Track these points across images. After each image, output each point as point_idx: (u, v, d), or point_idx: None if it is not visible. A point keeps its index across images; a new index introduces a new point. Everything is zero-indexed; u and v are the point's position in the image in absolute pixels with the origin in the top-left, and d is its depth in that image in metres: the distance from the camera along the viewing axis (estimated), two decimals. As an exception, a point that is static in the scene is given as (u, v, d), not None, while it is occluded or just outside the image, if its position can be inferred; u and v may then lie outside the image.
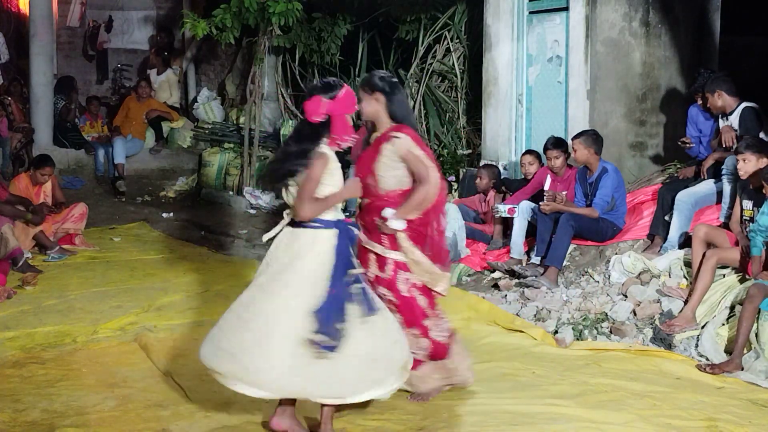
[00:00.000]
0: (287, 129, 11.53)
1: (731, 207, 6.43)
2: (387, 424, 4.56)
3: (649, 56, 8.32)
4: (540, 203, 7.32)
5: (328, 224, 4.21)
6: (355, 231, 4.38)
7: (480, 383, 5.19)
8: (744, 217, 6.22)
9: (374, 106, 4.68)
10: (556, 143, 7.68)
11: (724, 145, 6.82)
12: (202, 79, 14.17)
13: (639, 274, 6.68)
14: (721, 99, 6.91)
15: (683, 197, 6.88)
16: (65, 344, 5.97)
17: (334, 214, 4.26)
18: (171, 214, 10.86)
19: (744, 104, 6.89)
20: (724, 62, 8.94)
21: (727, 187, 6.66)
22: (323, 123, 4.22)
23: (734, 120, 6.90)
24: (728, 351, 5.65)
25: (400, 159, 4.61)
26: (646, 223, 7.23)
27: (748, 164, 6.13)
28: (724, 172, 6.73)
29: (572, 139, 7.41)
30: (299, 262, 4.15)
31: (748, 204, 6.19)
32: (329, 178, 4.20)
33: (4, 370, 5.42)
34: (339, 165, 4.29)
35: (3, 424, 4.52)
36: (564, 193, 7.38)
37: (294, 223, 4.25)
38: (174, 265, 8.30)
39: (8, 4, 13.45)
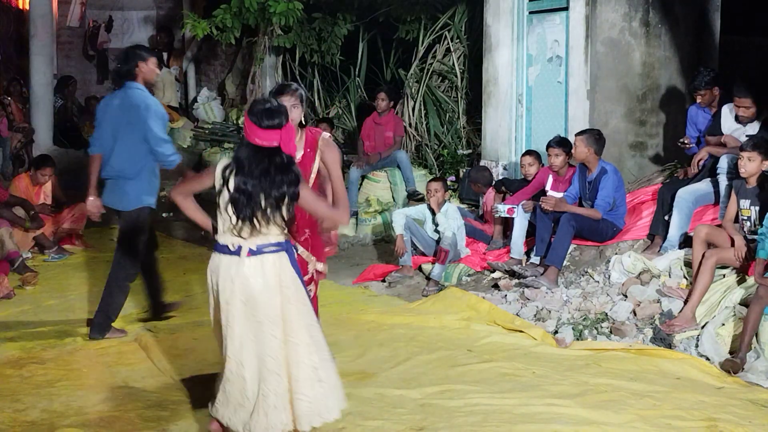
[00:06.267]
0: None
1: (727, 205, 6.41)
2: (387, 424, 4.56)
3: (649, 56, 8.32)
4: (540, 200, 7.32)
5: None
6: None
7: (480, 383, 5.20)
8: (741, 217, 6.21)
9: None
10: (560, 142, 7.66)
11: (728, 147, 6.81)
12: (202, 79, 14.18)
13: (639, 274, 6.68)
14: (753, 107, 6.77)
15: (683, 194, 6.87)
16: (65, 344, 5.97)
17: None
18: (171, 214, 10.86)
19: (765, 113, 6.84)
20: (724, 61, 8.94)
21: (722, 186, 6.65)
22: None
23: (756, 125, 6.82)
24: (731, 351, 5.65)
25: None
26: (646, 223, 7.23)
27: (753, 163, 6.10)
28: (719, 171, 6.72)
29: (575, 135, 7.41)
30: None
31: (745, 203, 6.18)
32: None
33: (4, 370, 5.42)
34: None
35: (3, 424, 4.52)
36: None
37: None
38: (174, 265, 8.30)
39: (8, 3, 13.45)
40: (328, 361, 4.09)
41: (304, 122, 4.93)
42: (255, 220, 3.96)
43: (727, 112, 7.01)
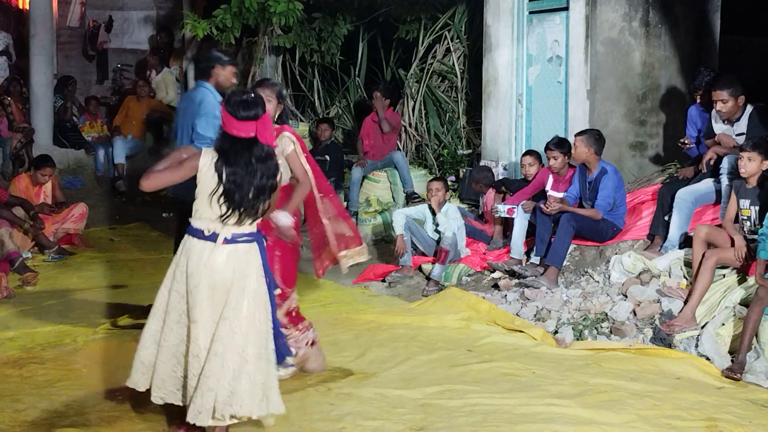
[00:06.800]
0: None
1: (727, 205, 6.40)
2: (387, 424, 4.56)
3: (649, 56, 8.31)
4: (541, 202, 7.31)
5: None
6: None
7: (480, 383, 5.20)
8: (741, 217, 6.21)
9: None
10: (558, 144, 7.65)
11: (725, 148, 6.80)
12: (202, 79, 14.15)
13: (639, 274, 6.68)
14: (730, 101, 6.72)
15: (683, 195, 6.87)
16: (65, 344, 5.97)
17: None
18: (171, 214, 10.85)
19: (751, 106, 6.82)
20: (724, 62, 8.94)
21: (723, 186, 6.65)
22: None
23: (742, 124, 6.82)
24: (730, 351, 5.65)
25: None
26: (646, 223, 7.23)
27: (753, 163, 6.10)
28: (721, 171, 6.72)
29: (575, 136, 7.41)
30: None
31: (744, 203, 6.18)
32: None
33: (4, 370, 5.42)
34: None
35: (3, 424, 4.52)
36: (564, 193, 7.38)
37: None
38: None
39: (8, 3, 13.45)
40: (266, 362, 4.12)
41: (279, 119, 5.16)
42: (244, 210, 4.09)
43: (715, 114, 7.00)
